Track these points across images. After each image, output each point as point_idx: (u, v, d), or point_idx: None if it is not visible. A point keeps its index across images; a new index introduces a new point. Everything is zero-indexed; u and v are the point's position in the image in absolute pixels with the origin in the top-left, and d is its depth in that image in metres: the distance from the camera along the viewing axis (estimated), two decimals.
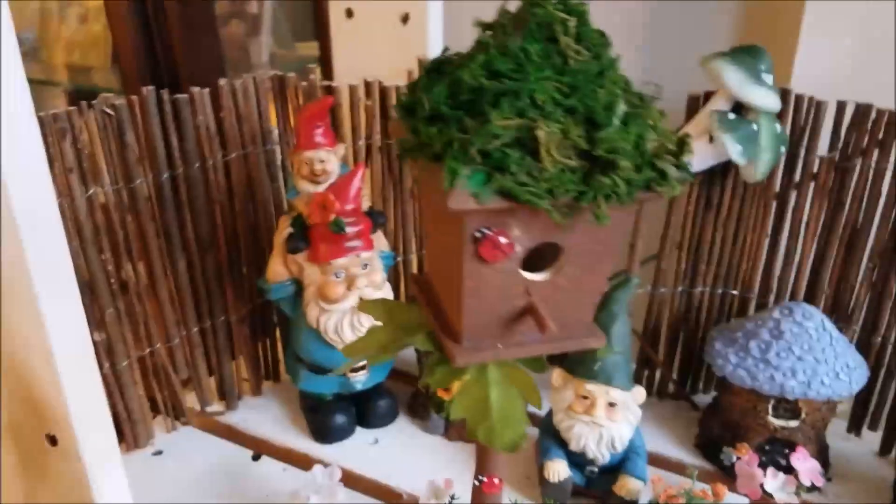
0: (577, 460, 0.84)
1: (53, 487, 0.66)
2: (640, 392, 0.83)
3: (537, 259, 0.51)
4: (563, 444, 0.84)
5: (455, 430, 0.95)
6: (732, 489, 0.89)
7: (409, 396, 1.00)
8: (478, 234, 0.46)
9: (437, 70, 0.47)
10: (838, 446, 0.94)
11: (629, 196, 0.44)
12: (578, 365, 0.83)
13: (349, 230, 0.84)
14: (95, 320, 0.84)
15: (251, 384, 1.03)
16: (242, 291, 0.98)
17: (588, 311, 0.53)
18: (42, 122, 0.76)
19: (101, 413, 0.64)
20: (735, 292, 0.99)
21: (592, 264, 0.50)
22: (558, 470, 0.83)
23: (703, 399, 1.03)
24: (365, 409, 0.96)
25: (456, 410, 0.50)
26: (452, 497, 0.70)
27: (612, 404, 0.81)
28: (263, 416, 0.99)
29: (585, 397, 0.82)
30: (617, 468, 0.84)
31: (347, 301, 0.86)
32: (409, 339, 0.53)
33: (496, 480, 0.64)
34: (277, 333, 1.06)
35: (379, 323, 0.56)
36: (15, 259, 0.54)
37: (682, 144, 0.44)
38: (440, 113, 0.44)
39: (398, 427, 0.98)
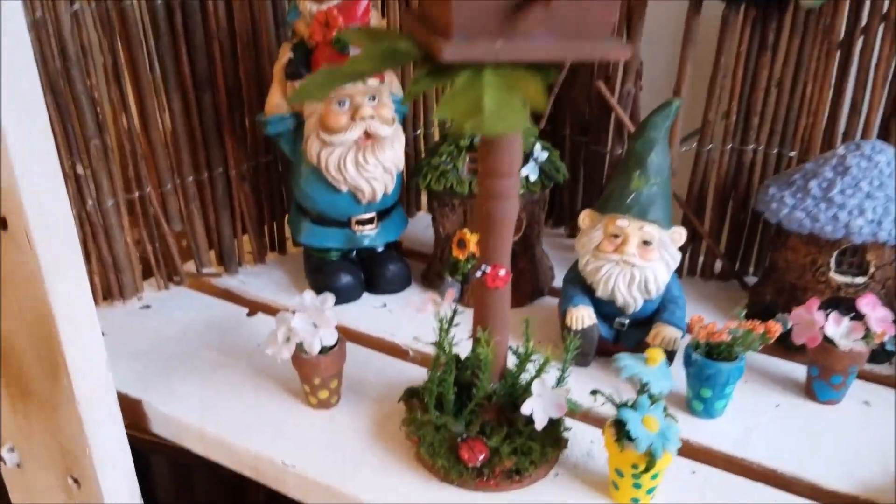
0: (606, 310, 0.74)
1: (5, 281, 0.59)
2: (679, 232, 0.73)
3: None
4: (589, 292, 0.74)
5: (471, 296, 0.85)
6: (788, 357, 0.78)
7: (424, 268, 0.91)
8: None
9: None
10: None
11: None
12: (610, 200, 0.72)
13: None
14: (78, 151, 0.77)
15: (254, 251, 0.95)
16: (244, 144, 0.90)
17: (610, 9, 0.43)
18: None
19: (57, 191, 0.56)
20: (793, 154, 0.87)
21: None
22: (582, 316, 0.72)
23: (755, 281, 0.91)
24: (374, 274, 0.88)
25: (442, 111, 0.40)
26: (455, 311, 0.60)
27: (646, 242, 0.71)
28: (264, 280, 0.91)
29: (616, 235, 0.72)
30: (650, 320, 0.73)
31: (351, 133, 0.77)
32: (393, 48, 0.43)
33: (501, 272, 0.54)
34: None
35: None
36: None
37: None
38: None
39: (409, 295, 0.88)
